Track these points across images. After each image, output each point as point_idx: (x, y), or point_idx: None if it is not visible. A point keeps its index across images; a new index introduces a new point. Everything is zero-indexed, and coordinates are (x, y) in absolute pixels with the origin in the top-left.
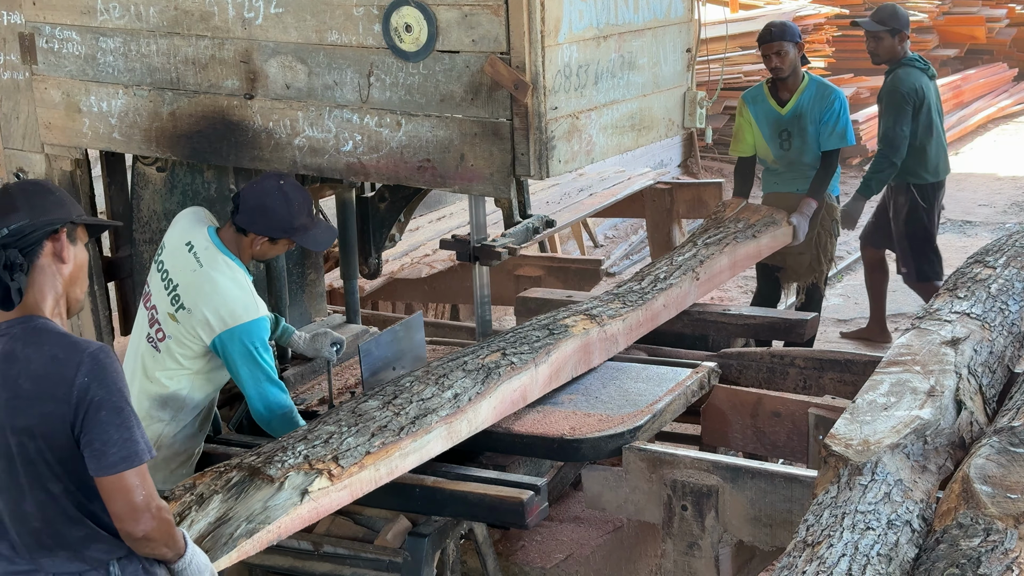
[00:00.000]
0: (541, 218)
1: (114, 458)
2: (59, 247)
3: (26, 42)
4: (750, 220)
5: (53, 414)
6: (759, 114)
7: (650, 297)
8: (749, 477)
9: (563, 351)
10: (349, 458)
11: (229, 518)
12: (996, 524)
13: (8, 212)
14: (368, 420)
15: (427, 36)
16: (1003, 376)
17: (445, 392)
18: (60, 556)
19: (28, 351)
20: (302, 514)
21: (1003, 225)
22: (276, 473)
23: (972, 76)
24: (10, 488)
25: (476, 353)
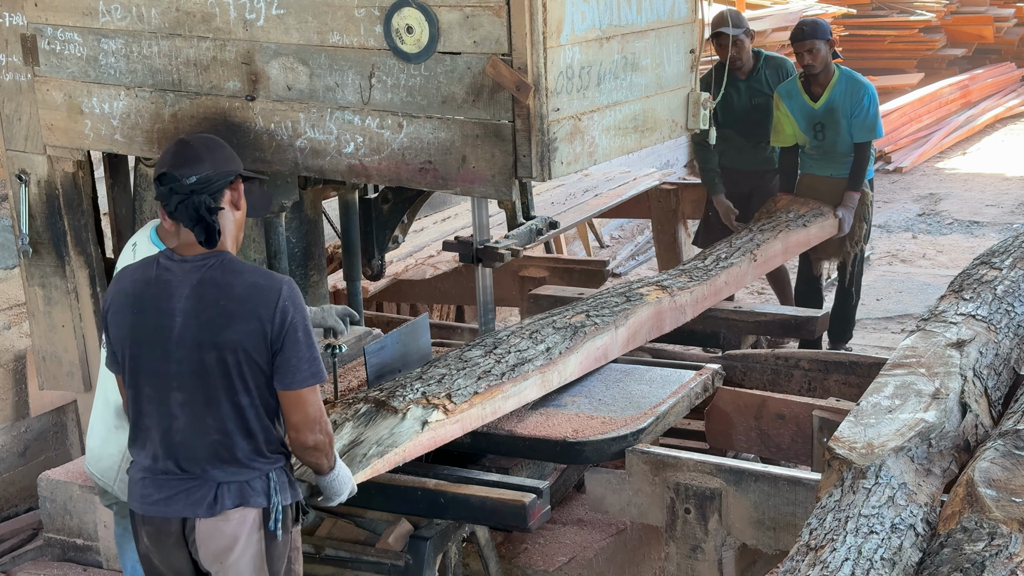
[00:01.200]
0: (544, 219)
1: (305, 374)
2: (236, 196)
3: (28, 43)
4: (800, 211)
5: (257, 331)
6: (794, 108)
7: (713, 274)
8: (752, 480)
9: (639, 316)
10: (460, 396)
11: (361, 441)
12: (1001, 528)
13: (194, 162)
14: (473, 366)
15: (428, 37)
16: (1009, 378)
17: (539, 345)
18: (229, 468)
19: (229, 278)
20: (422, 441)
21: (1011, 225)
22: (399, 405)
23: (980, 76)
24: (196, 403)
25: (563, 314)
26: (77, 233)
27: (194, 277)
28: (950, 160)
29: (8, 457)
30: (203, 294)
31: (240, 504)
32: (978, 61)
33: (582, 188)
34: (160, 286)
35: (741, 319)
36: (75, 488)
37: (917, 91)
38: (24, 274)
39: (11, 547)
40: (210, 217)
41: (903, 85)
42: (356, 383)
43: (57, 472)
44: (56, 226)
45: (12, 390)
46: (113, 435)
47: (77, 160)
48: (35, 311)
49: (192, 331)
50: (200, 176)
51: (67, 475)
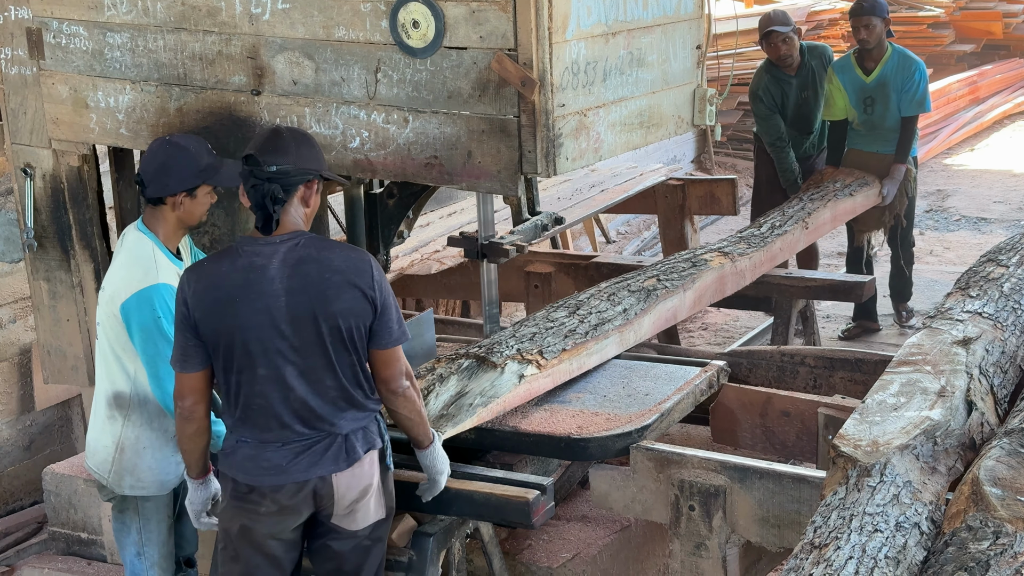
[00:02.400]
0: (550, 215)
1: (397, 334)
2: (308, 194)
3: (33, 37)
4: (846, 181)
5: (363, 297)
6: (846, 82)
7: (769, 240)
8: (757, 477)
9: (704, 280)
10: (551, 353)
11: (467, 392)
12: (1006, 527)
13: (280, 152)
14: (559, 325)
15: (434, 32)
16: (1015, 376)
17: (616, 307)
18: (349, 415)
19: (323, 253)
20: (519, 393)
21: (1019, 222)
22: (498, 360)
23: (988, 72)
24: (315, 369)
25: (636, 278)
26: (82, 227)
27: (291, 256)
28: (958, 156)
29: (13, 451)
30: (304, 271)
31: (369, 448)
32: (987, 57)
33: (588, 184)
34: (257, 271)
35: (792, 284)
36: (80, 482)
37: None
38: (29, 268)
39: (16, 541)
40: (272, 206)
41: None
42: None
43: (62, 466)
44: (61, 220)
45: (17, 384)
46: (107, 426)
47: (82, 154)
48: (40, 305)
49: (304, 306)
50: (280, 168)
51: (72, 469)
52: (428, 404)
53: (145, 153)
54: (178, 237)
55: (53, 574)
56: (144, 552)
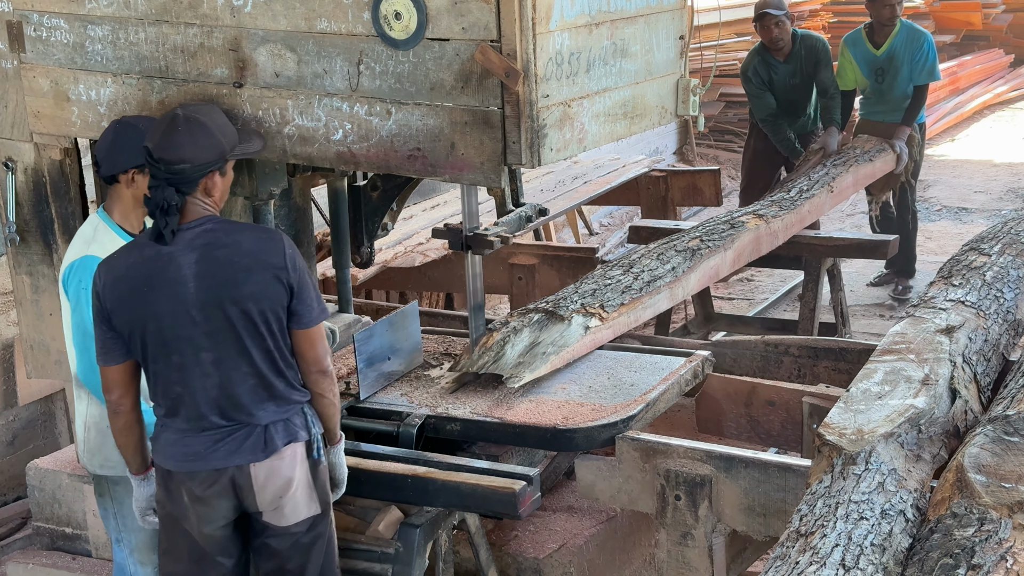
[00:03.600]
0: (534, 206)
1: (317, 312)
2: (211, 184)
3: (14, 30)
4: (865, 147)
5: (276, 279)
6: (857, 55)
7: (799, 203)
8: (743, 466)
9: (743, 240)
10: (611, 306)
11: (539, 343)
12: (990, 514)
13: (174, 150)
14: (616, 282)
15: (417, 24)
16: (998, 364)
17: (665, 265)
18: (269, 406)
19: (232, 236)
20: (585, 343)
21: (999, 212)
22: (565, 314)
23: (968, 62)
24: (228, 356)
25: (680, 238)
26: (64, 221)
27: (198, 242)
28: (939, 147)
29: None
30: (213, 256)
31: (290, 441)
32: (966, 48)
33: (571, 175)
34: (163, 259)
35: (820, 243)
36: (64, 477)
37: None
38: (11, 262)
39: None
40: (164, 219)
41: None
42: (346, 371)
43: (46, 461)
44: (43, 214)
45: (0, 379)
46: (78, 406)
47: (64, 147)
48: (23, 299)
49: (212, 291)
50: (176, 168)
51: (56, 464)
52: (504, 354)
53: (100, 134)
54: (137, 216)
55: (38, 569)
56: (122, 539)
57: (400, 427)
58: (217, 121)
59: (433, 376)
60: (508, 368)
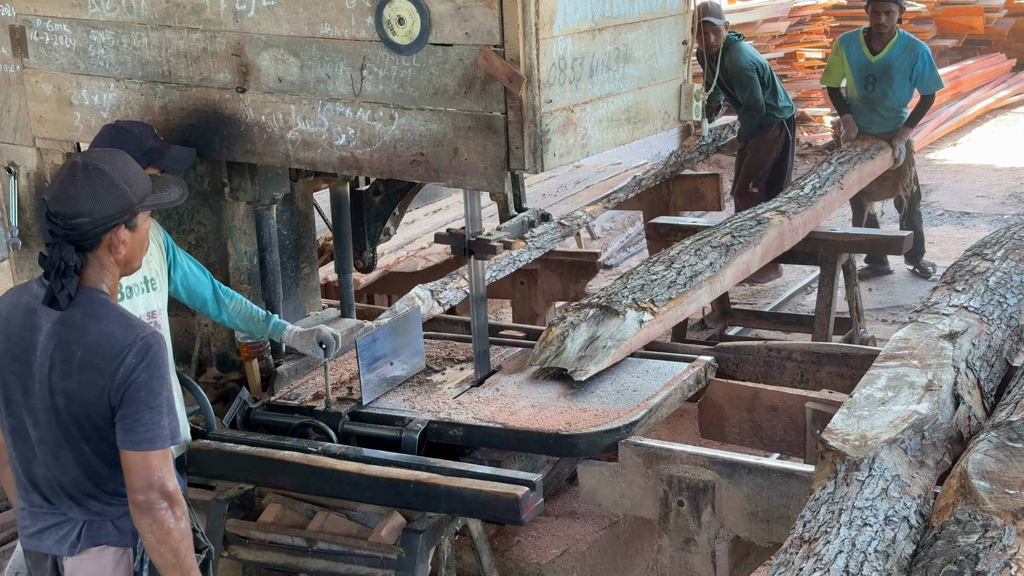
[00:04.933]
0: (536, 211)
1: (139, 436)
2: (115, 240)
3: (17, 35)
4: (864, 146)
5: (97, 384)
6: (852, 57)
7: (814, 200)
8: (746, 472)
9: (769, 236)
10: (660, 301)
11: (598, 336)
12: (994, 520)
13: (71, 203)
14: (661, 278)
15: (420, 29)
16: (1001, 370)
17: (703, 260)
18: (93, 504)
19: (86, 322)
20: (640, 336)
21: (1001, 216)
22: (619, 308)
23: (970, 67)
24: (50, 442)
25: (713, 234)
26: None
27: (57, 314)
28: (940, 151)
29: None
30: (61, 334)
31: (100, 543)
32: (968, 52)
33: (573, 180)
34: (28, 315)
35: (836, 239)
36: None
37: None
38: (14, 267)
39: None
40: (60, 286)
41: None
42: (348, 376)
43: None
44: None
45: None
46: None
47: (67, 152)
48: None
49: (47, 371)
50: (72, 223)
51: None
52: (565, 348)
53: (93, 139)
54: None
55: None
56: None
57: (402, 432)
58: (123, 169)
59: (435, 381)
60: (571, 362)
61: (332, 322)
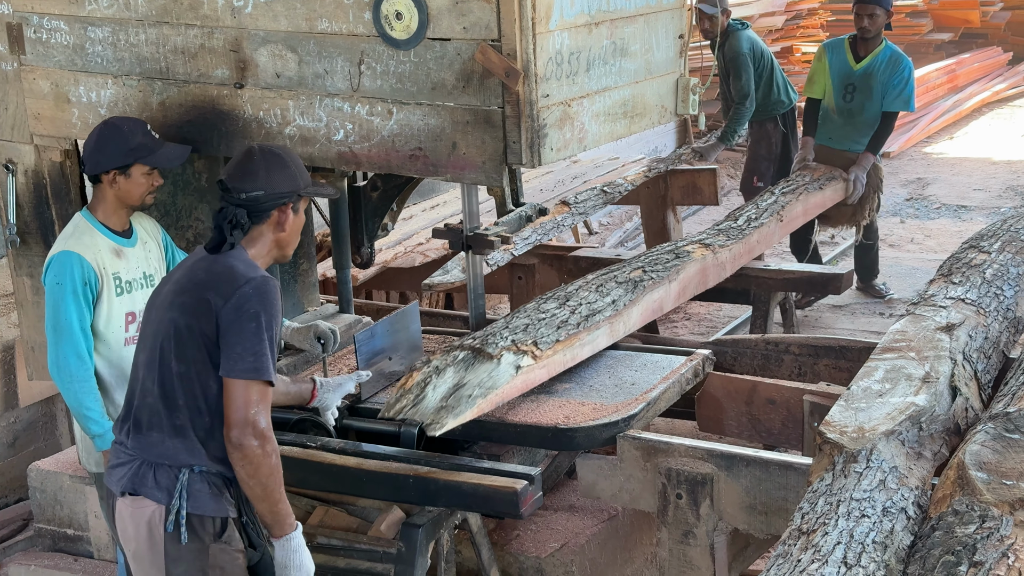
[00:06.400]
0: (534, 206)
1: (245, 365)
2: (283, 218)
3: (14, 32)
4: (815, 175)
5: (210, 303)
6: (834, 63)
7: (747, 233)
8: (744, 465)
9: (688, 272)
10: (545, 344)
11: (464, 384)
12: (992, 511)
13: (250, 179)
14: (551, 316)
15: (418, 24)
16: (998, 362)
17: (605, 298)
18: (155, 438)
19: (222, 258)
20: (516, 384)
21: (998, 210)
22: (494, 351)
23: (966, 60)
24: (150, 359)
25: (621, 269)
26: (65, 223)
27: (202, 253)
28: (937, 145)
29: None
30: (193, 263)
31: (139, 493)
32: (965, 46)
33: (571, 175)
34: (183, 261)
35: (770, 276)
36: (65, 478)
37: None
38: (12, 264)
39: (1, 538)
40: (230, 231)
41: None
42: (347, 371)
43: (47, 462)
44: (44, 216)
45: (1, 381)
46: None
47: (64, 149)
48: (23, 301)
49: (169, 292)
50: (250, 195)
51: (57, 465)
52: (425, 397)
53: (88, 135)
54: (120, 216)
55: (40, 571)
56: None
57: (401, 427)
58: (292, 157)
59: None
60: (429, 413)
61: (330, 318)
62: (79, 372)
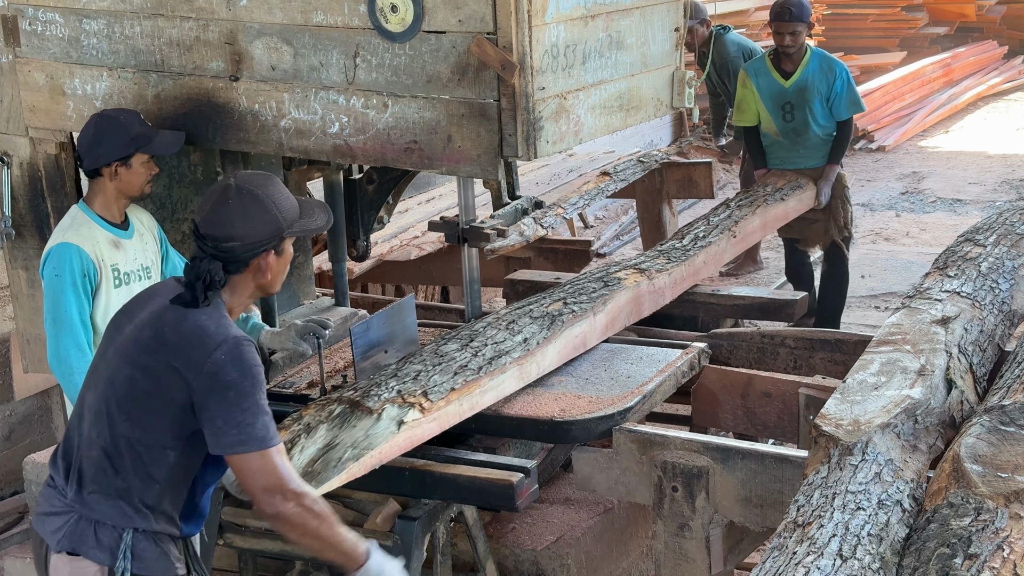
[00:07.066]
0: (530, 199)
1: (231, 439)
2: (263, 264)
3: (9, 24)
4: (777, 184)
5: (178, 371)
6: (762, 86)
7: (692, 254)
8: (740, 458)
9: (618, 301)
10: (437, 393)
11: (336, 444)
12: (987, 503)
13: (224, 227)
14: (449, 360)
15: (413, 16)
16: (993, 355)
17: (516, 336)
18: (93, 496)
19: (188, 311)
20: (399, 442)
21: (994, 203)
22: (374, 405)
23: (962, 54)
24: (99, 409)
25: (540, 302)
26: (60, 215)
27: (169, 296)
28: (933, 138)
29: None
30: (160, 314)
31: (78, 552)
32: (960, 39)
33: (566, 168)
34: (148, 294)
35: (719, 302)
36: None
37: (900, 70)
38: (7, 257)
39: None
40: (203, 292)
41: (886, 64)
42: (343, 364)
43: (43, 455)
44: (39, 208)
45: None
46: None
47: (60, 142)
48: (18, 294)
49: (129, 340)
50: (224, 246)
51: None
52: (292, 460)
53: (81, 129)
54: (119, 207)
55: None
56: None
57: None
58: (274, 194)
59: None
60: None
61: (326, 311)
62: (80, 364)
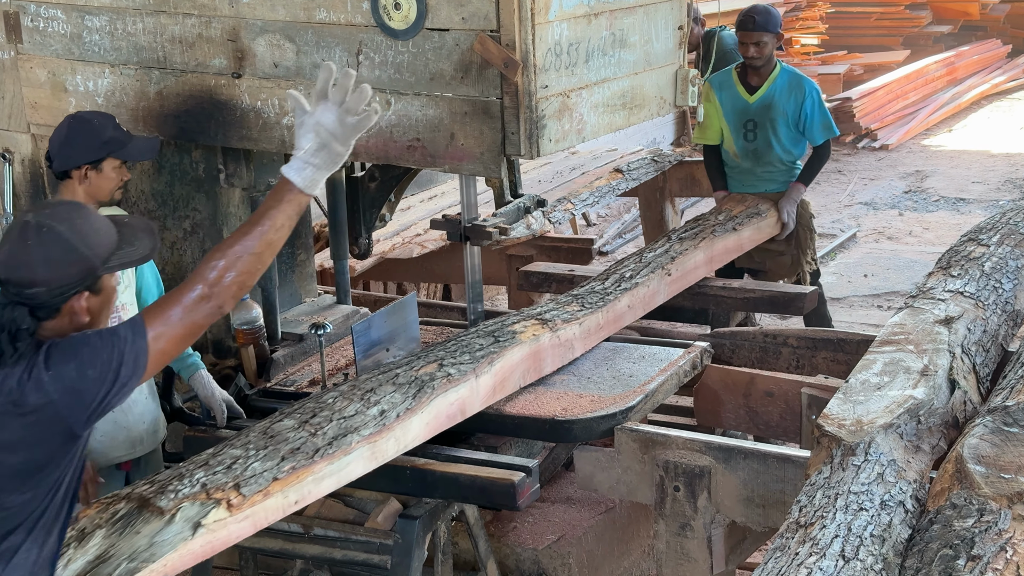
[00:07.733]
0: (532, 197)
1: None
2: (77, 308)
3: (11, 21)
4: (732, 212)
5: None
6: (725, 101)
7: (612, 298)
8: (742, 457)
9: (509, 360)
10: (253, 485)
11: (110, 556)
12: (990, 504)
13: (25, 271)
14: (280, 442)
15: (416, 14)
16: (997, 355)
17: (370, 409)
18: None
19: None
20: (193, 549)
21: (997, 202)
22: (167, 504)
23: (966, 53)
24: None
25: (411, 364)
26: None
27: None
28: (936, 137)
29: None
30: None
31: None
32: (964, 38)
33: (569, 166)
34: None
35: (730, 295)
36: None
37: (903, 68)
38: None
39: None
40: (12, 345)
41: (889, 62)
42: (344, 362)
43: None
44: None
45: None
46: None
47: None
48: None
49: None
50: (28, 292)
51: None
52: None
53: (54, 130)
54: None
55: None
56: None
57: None
58: (82, 228)
59: None
60: None
61: (327, 308)
62: None
